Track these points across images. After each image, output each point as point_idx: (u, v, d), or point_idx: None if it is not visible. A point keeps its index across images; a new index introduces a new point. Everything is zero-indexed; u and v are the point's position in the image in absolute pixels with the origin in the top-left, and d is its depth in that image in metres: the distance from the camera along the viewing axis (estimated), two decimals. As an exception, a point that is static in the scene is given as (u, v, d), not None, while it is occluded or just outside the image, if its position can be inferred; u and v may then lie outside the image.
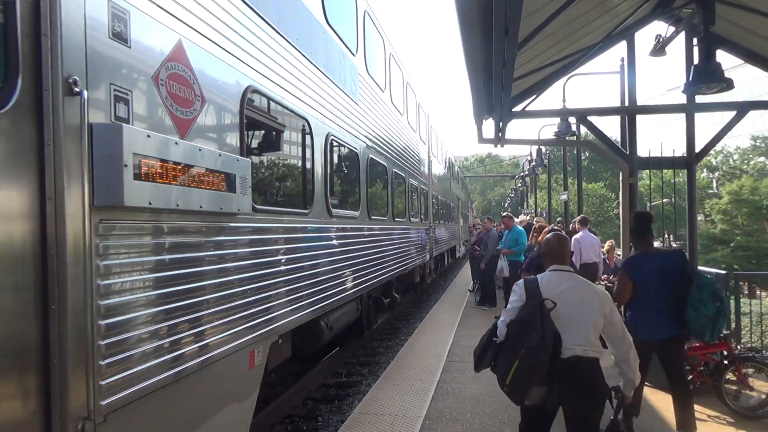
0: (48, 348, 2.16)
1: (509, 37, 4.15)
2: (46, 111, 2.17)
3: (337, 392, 7.31)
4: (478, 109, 7.27)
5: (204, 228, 3.26)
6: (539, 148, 23.44)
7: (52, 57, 2.20)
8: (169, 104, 2.98)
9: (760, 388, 5.46)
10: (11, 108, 2.06)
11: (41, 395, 2.14)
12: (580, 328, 3.21)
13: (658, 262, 4.60)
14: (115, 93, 2.56)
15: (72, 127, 2.27)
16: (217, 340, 3.34)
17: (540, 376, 3.03)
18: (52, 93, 2.19)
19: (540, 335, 3.05)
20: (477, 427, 5.08)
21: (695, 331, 4.45)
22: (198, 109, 3.26)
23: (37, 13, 2.17)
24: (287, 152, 4.93)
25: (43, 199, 2.16)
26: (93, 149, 2.36)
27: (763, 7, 5.89)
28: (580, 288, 3.34)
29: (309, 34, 5.23)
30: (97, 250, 2.39)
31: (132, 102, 2.67)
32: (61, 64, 2.23)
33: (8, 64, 2.09)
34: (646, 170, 8.70)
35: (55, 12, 2.22)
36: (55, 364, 2.15)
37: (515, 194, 49.58)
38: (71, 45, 2.31)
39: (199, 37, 3.29)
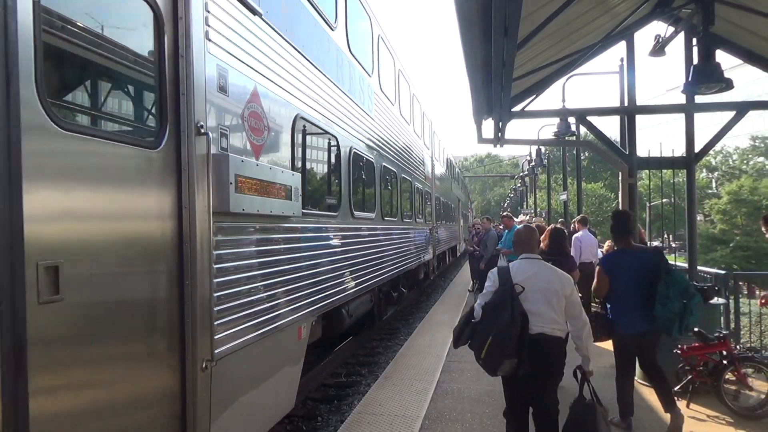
0: (183, 311, 3.06)
1: (509, 36, 4.15)
2: (183, 147, 3.12)
3: (337, 392, 7.31)
4: (478, 109, 7.27)
5: (273, 227, 4.23)
6: (539, 148, 23.45)
7: (188, 110, 3.16)
8: (249, 135, 3.94)
9: (759, 388, 5.46)
10: (163, 147, 3.01)
11: (179, 344, 3.06)
12: (545, 309, 3.68)
13: (634, 259, 4.84)
14: (221, 130, 3.53)
15: (200, 157, 3.20)
16: (282, 314, 4.32)
17: (510, 351, 3.52)
18: (187, 135, 3.13)
19: (510, 315, 3.56)
20: (476, 427, 5.08)
21: (662, 326, 4.63)
22: (266, 136, 4.22)
23: (177, 79, 3.14)
24: (322, 165, 6.02)
25: (180, 207, 3.09)
26: (211, 172, 3.26)
27: (762, 8, 5.89)
28: (545, 273, 3.83)
29: (338, 65, 6.26)
30: (214, 244, 3.30)
31: (229, 136, 3.62)
32: (193, 114, 3.19)
33: (161, 118, 3.05)
34: (645, 170, 8.70)
35: (190, 78, 3.19)
36: (188, 323, 3.07)
37: (515, 194, 49.59)
38: (198, 100, 3.27)
39: (266, 81, 4.27)
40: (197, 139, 3.20)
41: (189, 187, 3.12)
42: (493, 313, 3.65)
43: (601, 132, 8.04)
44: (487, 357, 3.62)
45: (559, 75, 8.68)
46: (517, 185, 45.48)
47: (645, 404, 5.67)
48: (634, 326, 4.75)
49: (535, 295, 3.69)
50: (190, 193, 3.12)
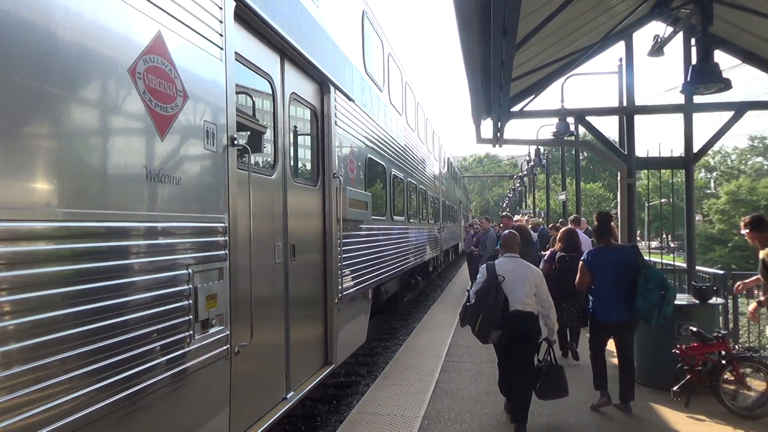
0: (326, 269, 5.55)
1: (507, 37, 4.15)
2: (326, 184, 5.54)
3: (336, 392, 7.31)
4: (477, 109, 7.28)
5: (360, 227, 6.75)
6: (537, 149, 23.45)
7: (328, 164, 5.55)
8: (350, 173, 6.45)
9: (757, 388, 5.46)
10: (319, 185, 5.44)
11: (323, 287, 5.52)
12: (520, 293, 4.82)
13: (614, 255, 5.40)
14: (342, 174, 5.92)
15: (335, 189, 5.64)
16: (362, 280, 6.83)
17: (496, 323, 4.71)
18: (328, 178, 5.53)
19: (494, 298, 4.74)
20: (475, 427, 5.07)
21: (643, 315, 5.16)
22: (356, 172, 6.72)
23: (323, 147, 5.49)
24: (377, 186, 8.30)
25: (324, 215, 5.53)
26: (339, 197, 5.75)
27: (761, 8, 5.90)
28: (521, 268, 4.98)
29: (384, 114, 8.61)
30: (339, 234, 5.70)
31: (345, 176, 6.09)
32: (331, 166, 5.58)
33: (318, 169, 5.47)
34: (644, 170, 8.71)
35: (328, 146, 5.53)
36: (329, 276, 5.56)
37: (513, 194, 49.60)
38: (332, 158, 5.62)
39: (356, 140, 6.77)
40: (333, 179, 5.63)
41: (329, 205, 5.59)
42: (483, 297, 4.80)
43: (600, 132, 8.05)
44: (479, 329, 4.80)
45: (557, 75, 8.68)
46: (516, 185, 45.48)
47: (643, 404, 5.67)
48: (611, 316, 5.30)
49: (514, 284, 4.82)
50: (329, 208, 5.60)
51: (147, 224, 2.71)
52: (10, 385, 1.94)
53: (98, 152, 2.42)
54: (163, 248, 2.85)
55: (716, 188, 58.04)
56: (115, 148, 2.51)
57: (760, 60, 7.48)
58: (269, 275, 4.35)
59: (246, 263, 3.79)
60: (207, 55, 3.27)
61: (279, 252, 4.49)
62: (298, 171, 5.22)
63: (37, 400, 2.04)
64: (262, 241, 4.15)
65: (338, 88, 5.83)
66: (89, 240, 2.33)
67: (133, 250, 2.62)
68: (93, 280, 2.32)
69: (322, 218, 5.54)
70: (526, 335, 4.81)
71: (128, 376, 2.50)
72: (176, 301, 2.92)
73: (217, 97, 3.39)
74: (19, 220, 2.00)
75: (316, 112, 5.43)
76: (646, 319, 5.18)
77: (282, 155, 4.59)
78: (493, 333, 4.73)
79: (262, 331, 4.02)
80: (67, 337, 2.17)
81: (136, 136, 2.66)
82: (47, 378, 2.08)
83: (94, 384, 2.30)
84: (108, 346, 2.39)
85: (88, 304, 2.28)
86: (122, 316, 2.48)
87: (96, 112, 2.41)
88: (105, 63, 2.44)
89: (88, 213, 2.32)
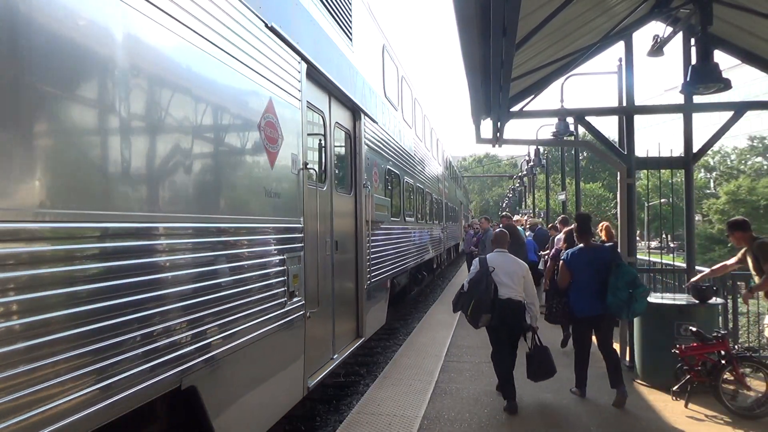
0: (357, 259, 6.86)
1: (507, 36, 4.15)
2: (358, 193, 6.92)
3: (335, 392, 7.31)
4: (476, 109, 7.27)
5: (380, 227, 8.00)
6: (537, 149, 23.44)
7: (359, 177, 6.87)
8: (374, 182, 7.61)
9: (757, 388, 5.46)
10: (352, 193, 6.84)
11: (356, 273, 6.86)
12: (508, 282, 5.50)
13: (592, 255, 5.79)
14: (370, 183, 7.23)
15: (364, 196, 6.99)
16: (383, 271, 8.20)
17: (486, 308, 5.37)
18: (360, 188, 6.91)
19: (485, 286, 5.40)
20: (475, 427, 5.08)
21: (613, 311, 5.58)
22: (379, 181, 8.01)
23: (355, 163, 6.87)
24: (393, 191, 9.74)
25: (356, 217, 6.89)
26: (368, 203, 7.10)
27: (760, 8, 5.90)
28: (509, 261, 5.71)
29: (399, 132, 10.16)
30: (368, 233, 7.06)
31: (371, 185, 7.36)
32: (361, 178, 6.93)
33: (352, 181, 6.83)
34: (643, 170, 8.71)
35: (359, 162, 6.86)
36: (360, 265, 6.87)
37: (513, 194, 49.57)
38: (362, 172, 6.94)
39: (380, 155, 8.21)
40: (363, 189, 6.96)
41: (359, 209, 6.89)
42: (475, 285, 5.50)
43: (600, 132, 8.04)
44: (471, 314, 5.45)
45: (557, 75, 8.66)
46: (515, 185, 45.46)
47: (643, 403, 5.68)
48: (587, 311, 5.71)
49: (503, 275, 5.51)
50: (359, 212, 6.90)
51: (268, 225, 4.12)
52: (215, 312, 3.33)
53: (247, 179, 3.86)
54: (275, 240, 4.22)
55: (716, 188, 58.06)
56: (252, 176, 3.94)
57: (760, 60, 7.48)
58: (325, 263, 5.56)
59: (313, 253, 5.06)
60: (291, 105, 4.61)
61: (329, 246, 5.75)
62: (338, 182, 6.35)
63: (234, 322, 3.55)
64: (321, 237, 5.37)
65: (366, 113, 7.16)
66: (242, 234, 3.75)
67: (264, 241, 4.08)
68: (240, 258, 3.69)
69: (354, 220, 6.86)
70: (513, 320, 5.51)
71: (261, 322, 3.94)
72: (280, 276, 4.30)
73: (297, 135, 4.72)
74: (213, 221, 3.37)
75: (350, 134, 6.81)
76: (617, 314, 5.63)
77: (330, 171, 5.85)
78: (483, 317, 5.42)
79: (322, 305, 5.24)
80: (237, 294, 3.61)
81: (261, 169, 4.07)
82: (232, 312, 3.53)
83: (243, 323, 3.68)
84: (254, 301, 3.84)
85: (234, 272, 3.61)
86: (262, 281, 3.97)
87: (247, 156, 3.86)
88: (250, 123, 3.89)
89: (240, 218, 3.73)
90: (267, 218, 4.08)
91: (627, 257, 7.14)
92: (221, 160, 3.49)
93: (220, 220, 3.44)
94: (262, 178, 4.05)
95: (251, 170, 3.91)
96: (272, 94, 4.20)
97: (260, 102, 4.01)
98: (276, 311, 4.18)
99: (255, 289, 3.85)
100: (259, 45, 4.00)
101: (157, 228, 2.84)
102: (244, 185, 3.80)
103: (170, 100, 2.97)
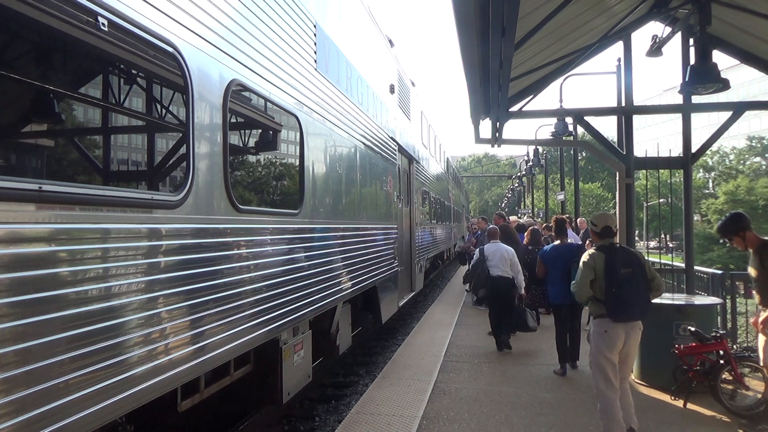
0: (411, 249, 11.62)
1: (506, 37, 4.15)
2: (411, 206, 11.60)
3: (334, 392, 7.30)
4: (475, 109, 7.28)
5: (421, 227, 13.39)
6: (536, 149, 23.46)
7: (411, 198, 11.65)
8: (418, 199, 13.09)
9: (756, 388, 5.46)
10: (408, 207, 11.43)
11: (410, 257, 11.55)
12: (500, 264, 7.75)
13: (565, 251, 6.75)
14: (419, 201, 13.12)
15: (414, 208, 11.92)
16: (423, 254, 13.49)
17: (482, 285, 7.99)
18: (411, 204, 11.65)
19: (482, 269, 7.92)
20: (474, 426, 5.08)
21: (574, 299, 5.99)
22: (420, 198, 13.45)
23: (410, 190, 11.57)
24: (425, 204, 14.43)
25: (411, 220, 11.60)
26: (416, 211, 12.28)
27: (759, 8, 5.91)
28: (500, 249, 7.90)
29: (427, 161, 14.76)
30: (415, 231, 12.14)
31: (419, 202, 13.14)
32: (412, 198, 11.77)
33: (406, 200, 11.15)
34: (642, 170, 8.71)
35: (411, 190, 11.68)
36: (413, 251, 11.85)
37: (512, 194, 49.59)
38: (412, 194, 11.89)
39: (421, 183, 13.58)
40: (414, 203, 11.70)
41: (411, 216, 11.46)
42: (476, 267, 8.15)
43: (599, 132, 8.05)
44: (473, 287, 8.35)
45: (556, 75, 8.68)
46: (514, 185, 45.47)
47: (642, 403, 5.68)
48: (560, 299, 6.68)
49: (495, 259, 7.81)
50: (411, 218, 11.50)
51: (387, 225, 8.57)
52: None
53: (381, 204, 8.36)
54: (388, 233, 8.59)
55: (714, 188, 58.12)
56: (382, 202, 8.37)
57: (759, 60, 7.49)
58: (402, 246, 10.02)
59: (399, 240, 9.48)
60: (393, 167, 9.20)
61: (404, 237, 10.31)
62: (404, 200, 10.64)
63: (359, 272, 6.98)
64: (402, 232, 10.13)
65: (414, 159, 11.89)
66: (378, 231, 8.05)
67: (385, 233, 8.45)
68: (374, 240, 7.74)
69: (410, 222, 11.31)
70: (503, 292, 7.77)
71: (378, 271, 7.81)
72: (391, 248, 8.79)
73: (395, 180, 9.39)
74: (370, 224, 7.57)
75: (407, 173, 11.22)
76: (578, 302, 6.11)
77: (404, 194, 10.63)
78: (481, 290, 8.08)
79: (403, 267, 9.94)
80: (382, 255, 8.19)
81: (385, 199, 8.58)
82: (383, 262, 8.30)
83: (384, 269, 8.29)
84: (384, 260, 8.32)
85: (378, 246, 7.98)
86: (377, 251, 7.87)
87: (381, 194, 8.35)
88: (384, 178, 8.49)
89: (378, 225, 8.06)
90: (386, 223, 8.64)
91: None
92: (375, 196, 7.82)
93: (372, 223, 7.61)
94: (385, 203, 8.57)
95: (382, 199, 8.39)
96: (391, 166, 9.11)
97: (388, 169, 8.86)
98: (390, 267, 8.70)
99: (384, 255, 8.33)
100: (393, 148, 9.34)
101: (358, 227, 6.83)
102: (380, 207, 8.24)
103: (367, 172, 7.41)
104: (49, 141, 2.53)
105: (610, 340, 4.40)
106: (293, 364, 4.74)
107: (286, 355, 4.57)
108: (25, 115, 2.42)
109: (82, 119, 2.73)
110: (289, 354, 4.65)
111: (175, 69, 3.09)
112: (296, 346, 4.84)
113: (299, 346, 4.93)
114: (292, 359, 4.71)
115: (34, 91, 2.37)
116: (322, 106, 5.43)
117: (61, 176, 2.53)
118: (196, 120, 3.23)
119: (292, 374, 4.71)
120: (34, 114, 2.45)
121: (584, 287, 4.51)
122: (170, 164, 3.29)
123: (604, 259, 4.44)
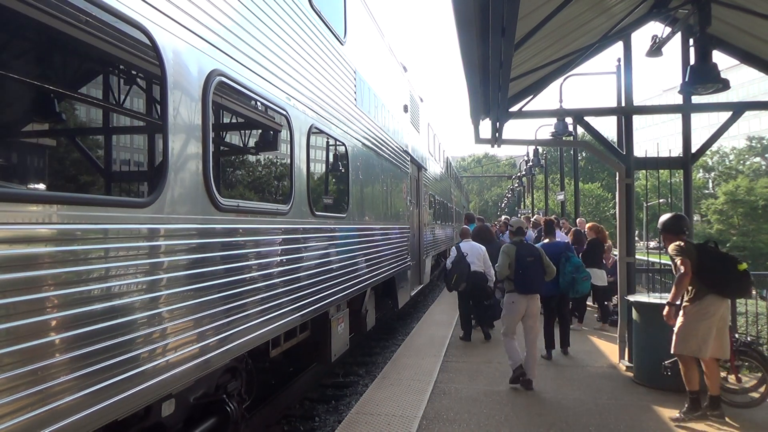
0: (420, 245, 12.96)
1: (506, 37, 4.14)
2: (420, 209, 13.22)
3: (334, 392, 7.31)
4: (475, 109, 7.27)
5: (428, 227, 14.87)
6: (536, 149, 23.44)
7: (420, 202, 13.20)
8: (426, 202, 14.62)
9: (755, 384, 5.48)
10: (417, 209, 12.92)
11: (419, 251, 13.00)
12: (476, 260, 8.56)
13: (554, 248, 7.43)
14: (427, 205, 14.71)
15: (422, 210, 13.48)
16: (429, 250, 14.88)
17: (463, 278, 8.45)
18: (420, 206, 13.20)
19: (462, 265, 8.53)
20: (474, 426, 5.08)
21: (564, 290, 7.39)
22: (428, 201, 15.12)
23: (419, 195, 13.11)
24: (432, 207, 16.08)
25: (419, 221, 13.02)
26: (424, 213, 13.72)
27: (759, 8, 5.90)
28: (475, 247, 8.77)
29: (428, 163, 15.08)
30: (423, 231, 13.56)
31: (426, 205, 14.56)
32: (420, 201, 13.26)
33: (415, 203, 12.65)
34: (642, 170, 8.71)
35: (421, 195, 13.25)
36: (422, 247, 13.24)
37: (512, 195, 49.57)
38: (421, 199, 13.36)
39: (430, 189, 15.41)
40: (422, 206, 13.29)
41: (420, 217, 12.98)
42: (456, 264, 8.60)
43: (599, 132, 8.04)
44: (454, 283, 8.55)
45: (556, 75, 8.66)
46: (514, 185, 45.46)
47: (642, 403, 5.68)
48: (551, 291, 7.19)
49: (472, 256, 8.59)
50: (420, 218, 12.91)
51: (402, 226, 10.27)
52: None
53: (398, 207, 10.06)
54: (405, 232, 10.48)
55: (714, 188, 58.14)
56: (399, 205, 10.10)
57: (759, 60, 7.49)
58: (413, 244, 11.40)
59: (411, 239, 11.16)
60: (407, 176, 11.01)
61: (415, 236, 11.78)
62: (414, 204, 12.03)
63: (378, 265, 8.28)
64: (413, 231, 11.65)
65: (422, 167, 13.34)
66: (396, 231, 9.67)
67: (401, 232, 10.07)
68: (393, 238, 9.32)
69: (418, 223, 12.61)
70: (479, 285, 8.54)
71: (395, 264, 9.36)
72: (405, 245, 10.31)
73: (409, 186, 11.27)
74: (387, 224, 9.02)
75: (417, 179, 12.49)
76: (566, 293, 7.48)
77: (414, 199, 11.96)
78: (461, 284, 8.48)
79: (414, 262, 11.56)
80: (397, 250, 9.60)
81: (401, 203, 10.37)
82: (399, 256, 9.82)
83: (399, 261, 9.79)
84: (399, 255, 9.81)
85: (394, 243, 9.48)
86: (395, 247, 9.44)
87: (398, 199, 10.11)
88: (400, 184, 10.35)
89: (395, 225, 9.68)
90: (402, 224, 10.17)
91: (626, 257, 7.16)
92: (395, 201, 9.52)
93: (392, 224, 9.15)
94: (402, 208, 10.24)
95: (400, 204, 10.04)
96: (405, 176, 10.63)
97: (403, 178, 10.56)
98: (404, 261, 10.00)
99: (400, 251, 9.67)
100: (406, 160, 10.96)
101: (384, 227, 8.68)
102: (399, 210, 9.86)
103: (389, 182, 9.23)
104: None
105: (516, 307, 6.20)
106: (338, 332, 6.31)
107: (333, 325, 6.10)
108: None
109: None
110: (336, 324, 6.21)
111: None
112: (339, 319, 6.38)
113: (342, 319, 6.48)
114: (337, 329, 6.27)
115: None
116: (360, 134, 7.22)
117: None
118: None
119: (337, 340, 6.25)
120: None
121: (504, 268, 6.20)
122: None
123: (515, 250, 6.22)
